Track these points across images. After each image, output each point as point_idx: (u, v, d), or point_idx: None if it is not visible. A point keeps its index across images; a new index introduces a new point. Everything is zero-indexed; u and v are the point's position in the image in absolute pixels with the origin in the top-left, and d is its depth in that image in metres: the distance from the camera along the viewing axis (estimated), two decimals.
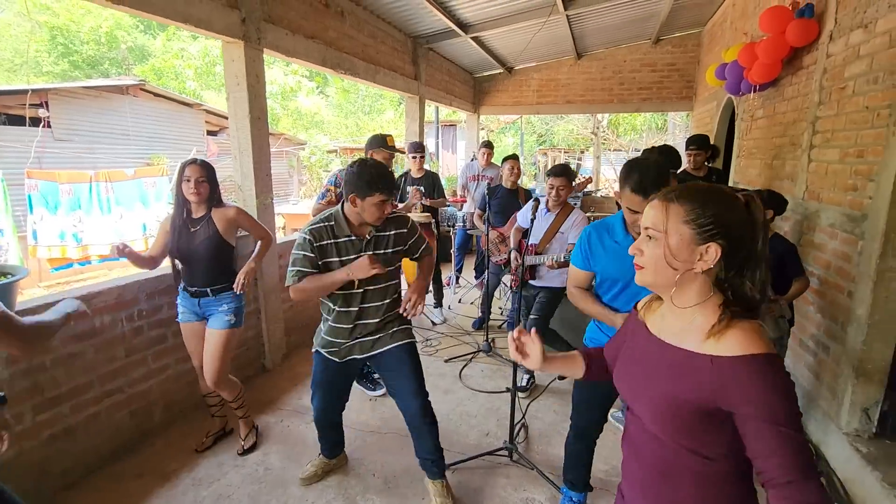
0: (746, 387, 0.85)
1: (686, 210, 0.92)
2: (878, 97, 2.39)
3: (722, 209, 0.91)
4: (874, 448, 2.35)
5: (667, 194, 0.95)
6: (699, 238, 0.91)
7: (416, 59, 5.94)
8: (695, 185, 0.95)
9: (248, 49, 3.17)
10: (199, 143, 10.57)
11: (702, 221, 0.91)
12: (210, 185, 2.39)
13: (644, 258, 0.97)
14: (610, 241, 1.83)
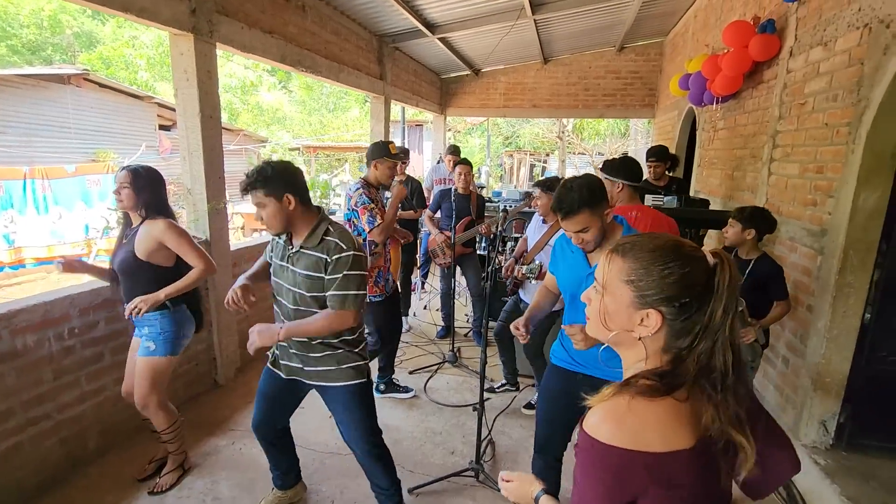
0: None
1: (629, 269, 0.82)
2: (838, 114, 2.43)
3: (671, 273, 0.78)
4: (831, 460, 2.39)
5: (618, 245, 0.85)
6: (638, 302, 0.81)
7: (381, 59, 5.77)
8: (654, 240, 0.83)
9: (199, 43, 2.94)
10: (151, 138, 9.99)
11: (643, 284, 0.80)
12: (137, 192, 2.12)
13: (590, 309, 0.89)
14: (568, 250, 1.86)
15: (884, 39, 2.10)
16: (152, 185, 2.19)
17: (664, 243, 0.82)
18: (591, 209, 1.61)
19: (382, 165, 2.95)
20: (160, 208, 2.20)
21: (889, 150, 2.16)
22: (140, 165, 2.22)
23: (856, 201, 2.24)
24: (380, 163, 2.95)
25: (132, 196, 2.13)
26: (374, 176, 2.97)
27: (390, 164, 2.96)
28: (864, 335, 2.35)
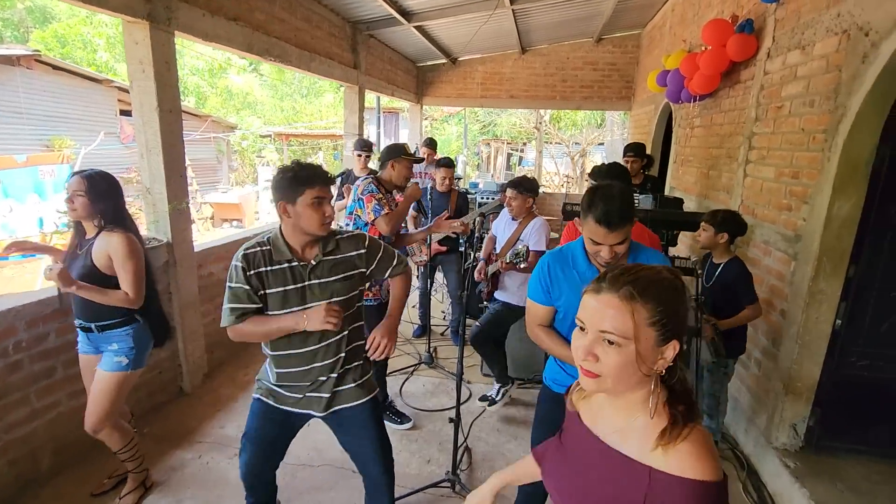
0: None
1: (650, 310, 0.81)
2: (815, 120, 2.43)
3: (675, 302, 0.84)
4: (801, 463, 2.43)
5: (626, 293, 0.82)
6: (661, 339, 0.82)
7: (355, 47, 5.57)
8: (661, 275, 0.86)
9: (156, 31, 2.74)
10: (111, 124, 9.47)
11: (665, 321, 0.82)
12: (93, 201, 1.96)
13: (602, 366, 0.83)
14: (573, 273, 1.64)
15: (862, 47, 2.09)
16: (109, 194, 2.02)
17: (670, 278, 0.86)
18: (632, 219, 1.51)
19: (400, 165, 2.80)
20: (118, 218, 2.04)
21: (864, 159, 2.16)
22: (95, 171, 2.04)
23: (830, 209, 2.24)
24: (397, 162, 2.80)
25: (87, 205, 1.97)
26: (390, 176, 2.83)
27: (407, 164, 2.82)
28: (835, 341, 2.38)
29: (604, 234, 1.49)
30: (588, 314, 0.85)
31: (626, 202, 1.50)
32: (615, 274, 0.84)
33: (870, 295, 2.29)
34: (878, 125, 2.11)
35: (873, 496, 2.23)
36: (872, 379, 2.38)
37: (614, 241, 1.50)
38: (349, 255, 1.71)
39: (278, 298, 1.61)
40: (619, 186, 1.58)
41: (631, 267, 0.87)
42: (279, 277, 1.61)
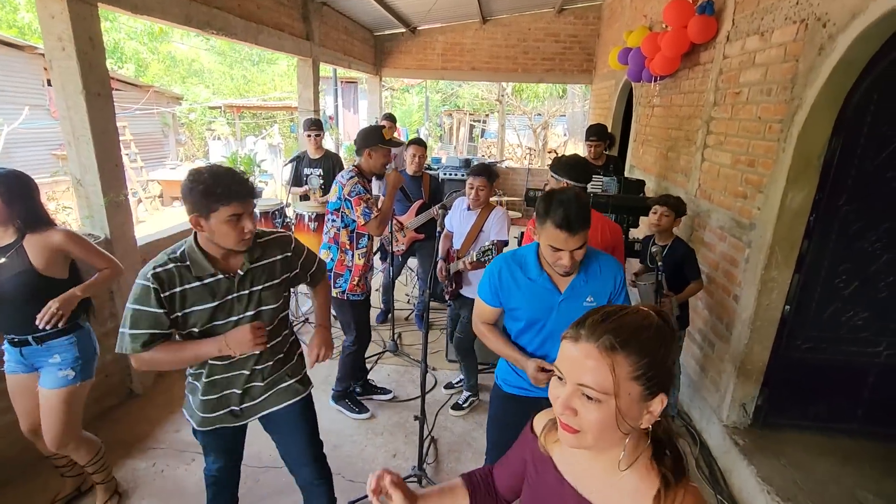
0: None
1: (633, 363, 0.73)
2: (771, 109, 2.45)
3: (663, 352, 0.76)
4: (749, 439, 2.57)
5: (606, 344, 0.74)
6: (647, 394, 0.75)
7: (307, 16, 5.22)
8: (632, 321, 0.76)
9: (75, 4, 2.44)
10: (38, 95, 8.62)
11: (650, 375, 0.74)
12: (9, 204, 1.78)
13: (581, 421, 0.75)
14: (523, 278, 1.66)
15: (819, 39, 2.09)
16: (25, 194, 1.84)
17: (658, 323, 0.78)
18: (590, 222, 1.49)
19: (377, 154, 2.67)
20: (40, 218, 1.88)
21: (817, 151, 2.20)
22: (8, 171, 1.84)
23: (784, 200, 2.29)
24: (373, 151, 2.66)
25: (3, 209, 1.78)
26: (368, 165, 2.70)
27: (385, 152, 2.70)
28: (784, 326, 2.48)
29: (564, 238, 1.47)
30: (566, 365, 0.77)
31: (584, 206, 1.49)
32: (595, 319, 0.76)
33: (816, 283, 2.39)
34: (831, 118, 2.14)
35: (812, 468, 2.38)
36: (815, 360, 2.51)
37: (574, 245, 1.49)
38: (275, 259, 1.62)
39: (202, 316, 1.48)
40: (575, 191, 1.57)
41: (613, 311, 0.78)
42: (200, 294, 1.47)
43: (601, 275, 1.62)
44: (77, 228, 2.78)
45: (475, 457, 2.71)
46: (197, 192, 1.38)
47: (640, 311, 0.79)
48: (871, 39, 1.90)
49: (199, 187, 1.38)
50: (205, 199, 1.38)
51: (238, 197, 1.41)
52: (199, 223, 1.42)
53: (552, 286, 1.63)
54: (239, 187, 1.41)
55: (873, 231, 2.28)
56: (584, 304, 1.61)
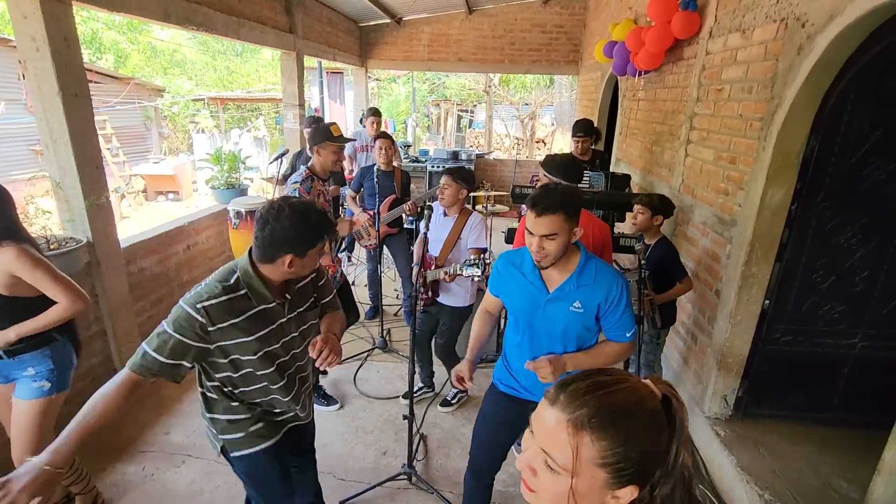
0: None
1: (604, 450, 0.66)
2: (752, 107, 2.48)
3: (646, 441, 0.67)
4: (729, 430, 2.64)
5: (578, 417, 0.66)
6: (615, 483, 0.67)
7: (289, 8, 5.13)
8: (617, 401, 0.68)
9: (48, 3, 2.37)
10: (14, 89, 8.39)
11: (622, 465, 0.66)
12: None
13: (538, 483, 0.70)
14: (518, 274, 1.72)
15: (798, 38, 2.12)
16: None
17: (648, 409, 0.68)
18: (567, 215, 1.50)
19: (325, 151, 2.67)
20: (8, 231, 1.78)
21: (796, 149, 2.24)
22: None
23: (764, 198, 2.33)
24: (322, 148, 2.66)
25: None
26: (319, 163, 2.70)
27: (334, 149, 2.69)
28: (763, 320, 2.54)
29: (532, 220, 1.52)
30: (536, 423, 0.71)
31: (566, 196, 1.52)
32: (579, 388, 0.69)
33: (794, 278, 2.44)
34: (809, 117, 2.18)
35: (790, 457, 2.46)
36: (793, 352, 2.57)
37: (542, 230, 1.51)
38: (308, 279, 1.64)
39: (253, 345, 1.44)
40: (570, 186, 1.62)
41: (606, 382, 0.69)
42: (256, 322, 1.44)
43: (594, 284, 1.61)
44: (58, 233, 2.74)
45: (464, 453, 2.74)
46: (305, 233, 1.40)
47: (639, 389, 0.70)
48: (849, 40, 1.93)
49: (306, 226, 1.39)
50: (311, 236, 1.42)
51: (330, 232, 1.48)
52: (292, 263, 1.41)
53: (541, 284, 1.66)
54: (328, 221, 1.48)
55: (850, 227, 2.33)
56: (570, 309, 1.62)
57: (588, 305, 1.62)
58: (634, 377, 0.74)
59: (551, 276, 1.65)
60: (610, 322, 1.65)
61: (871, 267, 2.38)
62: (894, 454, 1.58)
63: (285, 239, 1.38)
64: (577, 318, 1.63)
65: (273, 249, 1.39)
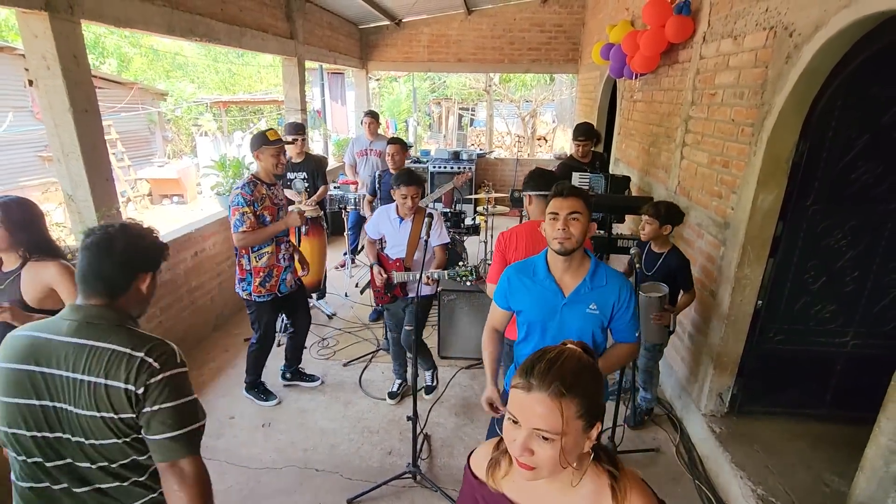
0: None
1: (577, 405, 0.85)
2: (743, 113, 2.53)
3: (597, 389, 0.90)
4: (725, 427, 2.71)
5: (554, 389, 0.84)
6: (587, 427, 0.88)
7: (290, 14, 5.20)
8: (571, 367, 0.88)
9: (57, 22, 2.45)
10: (20, 97, 8.49)
11: (590, 410, 0.87)
12: (12, 231, 1.81)
13: (538, 459, 0.86)
14: (531, 281, 1.78)
15: (786, 47, 2.17)
16: (29, 222, 1.87)
17: (587, 364, 0.91)
18: (585, 202, 1.64)
19: (265, 154, 2.81)
20: (44, 247, 1.90)
21: (785, 156, 2.30)
22: (12, 199, 1.87)
23: (755, 201, 2.39)
24: (261, 153, 2.81)
25: (6, 237, 1.81)
26: (261, 168, 2.85)
27: (273, 152, 2.82)
28: (756, 319, 2.60)
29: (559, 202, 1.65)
30: (520, 411, 0.86)
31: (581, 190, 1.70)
32: (541, 368, 0.86)
33: (786, 279, 2.51)
34: (798, 123, 2.24)
35: (783, 453, 2.53)
36: (786, 351, 2.64)
37: (566, 208, 1.63)
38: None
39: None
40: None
41: (553, 357, 0.88)
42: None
43: (606, 286, 1.69)
44: (71, 243, 2.84)
45: (467, 451, 2.81)
46: (150, 244, 1.30)
47: (572, 353, 0.91)
48: (833, 51, 1.99)
49: (148, 240, 1.29)
50: (159, 248, 1.33)
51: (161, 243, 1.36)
52: (152, 281, 1.32)
53: (557, 289, 1.72)
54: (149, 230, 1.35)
55: (839, 229, 2.39)
56: (587, 311, 1.69)
57: (603, 307, 1.69)
58: (563, 345, 0.94)
59: (565, 281, 1.71)
60: (621, 323, 1.72)
61: (862, 267, 2.44)
62: (875, 451, 1.65)
63: (141, 254, 1.25)
64: (592, 320, 1.70)
65: (129, 271, 1.22)
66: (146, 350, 1.16)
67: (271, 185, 2.88)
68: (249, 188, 2.75)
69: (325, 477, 2.61)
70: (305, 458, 2.74)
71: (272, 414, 3.10)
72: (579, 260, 1.70)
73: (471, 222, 5.10)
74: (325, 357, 3.78)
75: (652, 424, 3.05)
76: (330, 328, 4.25)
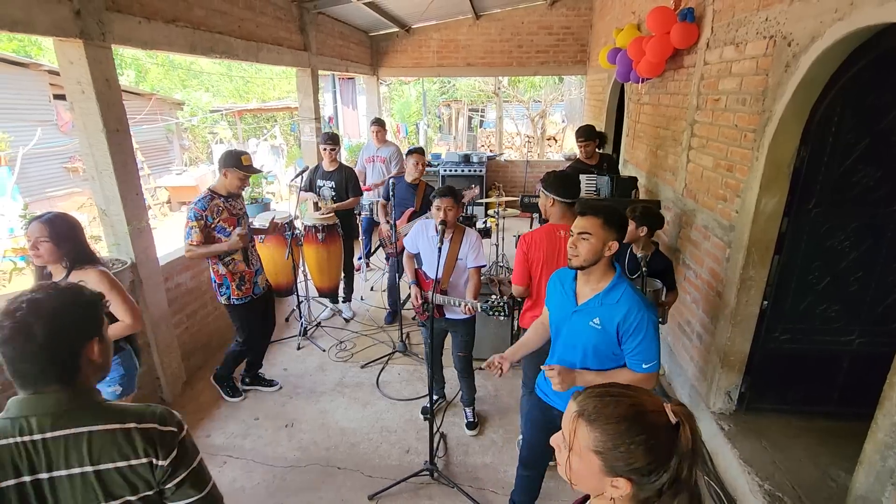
0: None
1: (596, 439, 0.85)
2: (746, 119, 2.60)
3: (637, 448, 0.82)
4: (733, 424, 2.78)
5: (583, 407, 0.87)
6: (607, 471, 0.85)
7: (303, 27, 5.36)
8: (619, 408, 0.85)
9: (91, 48, 2.62)
10: (46, 111, 8.81)
11: (611, 457, 0.84)
12: (58, 245, 2.00)
13: (558, 456, 0.92)
14: (560, 287, 1.91)
15: (785, 56, 2.24)
16: (71, 234, 2.06)
17: (629, 412, 0.84)
18: (604, 221, 1.68)
19: (232, 175, 2.97)
20: (85, 256, 2.09)
21: (786, 161, 2.36)
22: (55, 214, 2.06)
23: (758, 205, 2.46)
24: (230, 172, 2.96)
25: (53, 250, 2.00)
26: (223, 184, 3.00)
27: (241, 176, 2.99)
28: (762, 319, 2.67)
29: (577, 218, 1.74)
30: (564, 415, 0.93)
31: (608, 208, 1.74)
32: (593, 391, 0.89)
33: (791, 279, 2.57)
34: (798, 130, 2.30)
35: (790, 449, 2.59)
36: (793, 350, 2.70)
37: (578, 227, 1.71)
38: None
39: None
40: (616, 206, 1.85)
41: (612, 392, 0.88)
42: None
43: (616, 305, 1.70)
44: (105, 255, 3.01)
45: (482, 449, 2.94)
46: (91, 309, 1.12)
47: (645, 406, 0.85)
48: (830, 61, 2.05)
49: (88, 304, 1.12)
50: (98, 309, 1.15)
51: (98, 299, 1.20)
52: (100, 346, 1.13)
53: (572, 296, 1.82)
54: (85, 290, 1.16)
55: (842, 231, 2.45)
56: (589, 324, 1.75)
57: (607, 324, 1.70)
58: (651, 397, 0.88)
59: (583, 291, 1.80)
60: (627, 348, 1.71)
61: (865, 268, 2.49)
62: (873, 446, 1.72)
63: (78, 324, 1.07)
64: (595, 335, 1.73)
65: (75, 344, 1.06)
66: (151, 418, 1.09)
67: (229, 198, 3.01)
68: (203, 203, 2.91)
69: (347, 475, 2.74)
70: (327, 456, 2.87)
71: (294, 414, 3.24)
72: (599, 275, 1.74)
73: (482, 225, 5.20)
74: (343, 360, 3.91)
75: None
76: (347, 331, 4.39)
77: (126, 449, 1.03)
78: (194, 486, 1.12)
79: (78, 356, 1.06)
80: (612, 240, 1.68)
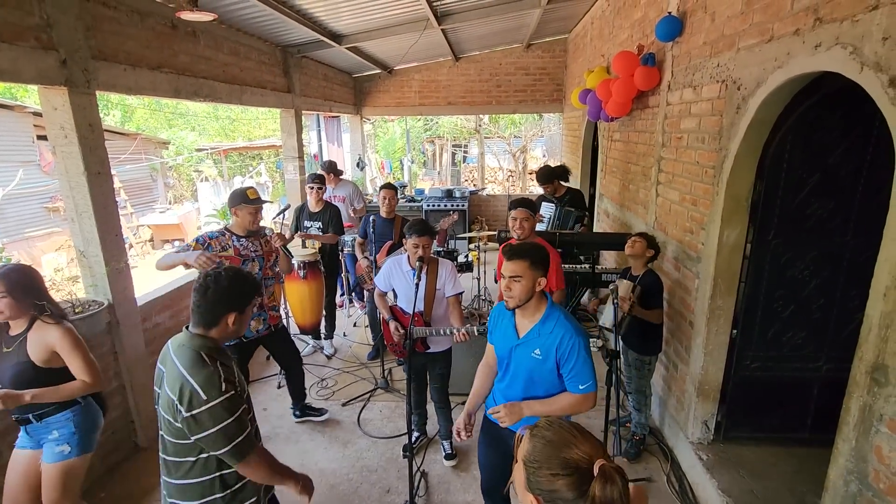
0: None
1: (528, 452, 0.97)
2: (706, 156, 2.75)
3: (556, 475, 0.92)
4: (711, 454, 2.80)
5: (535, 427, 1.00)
6: (528, 485, 0.96)
7: (287, 70, 5.54)
8: (557, 435, 0.96)
9: (75, 96, 2.69)
10: (29, 152, 8.83)
11: (536, 473, 0.95)
12: (16, 298, 1.92)
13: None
14: (500, 319, 1.99)
15: (736, 99, 2.40)
16: (31, 286, 1.99)
17: (560, 441, 0.95)
18: (531, 262, 1.76)
19: (242, 212, 2.95)
20: (50, 308, 2.04)
21: (744, 195, 2.49)
22: (11, 268, 1.99)
23: (721, 237, 2.57)
24: (239, 210, 2.94)
25: (13, 305, 1.93)
26: (237, 223, 2.99)
27: (251, 210, 2.96)
28: (733, 348, 2.74)
29: (504, 264, 1.82)
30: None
31: (534, 250, 1.82)
32: (539, 422, 1.03)
33: (757, 308, 2.66)
34: (753, 166, 2.44)
35: (768, 478, 2.62)
36: (764, 377, 2.76)
37: (509, 271, 1.79)
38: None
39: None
40: (539, 245, 1.92)
41: (560, 420, 1.02)
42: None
43: (551, 334, 1.80)
44: (81, 296, 2.99)
45: (463, 486, 2.91)
46: (242, 290, 1.65)
47: (569, 450, 0.94)
48: (776, 103, 2.21)
49: (242, 287, 1.66)
50: (249, 293, 1.68)
51: (259, 287, 1.80)
52: (236, 319, 1.64)
53: (513, 331, 1.90)
54: (255, 279, 1.76)
55: (801, 260, 2.56)
56: (532, 355, 1.83)
57: (546, 353, 1.80)
58: (589, 446, 0.95)
59: (522, 324, 1.88)
60: (564, 371, 1.80)
61: (826, 295, 2.60)
62: (836, 471, 1.76)
63: (228, 298, 1.58)
64: (538, 364, 1.82)
65: (219, 310, 1.57)
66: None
67: (242, 237, 2.97)
68: (213, 233, 2.92)
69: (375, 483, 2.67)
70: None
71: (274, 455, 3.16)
72: (533, 308, 1.84)
73: (464, 259, 5.27)
74: (324, 398, 3.87)
75: (644, 454, 3.13)
76: (329, 368, 4.35)
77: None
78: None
79: (219, 318, 1.59)
80: (541, 276, 1.79)
